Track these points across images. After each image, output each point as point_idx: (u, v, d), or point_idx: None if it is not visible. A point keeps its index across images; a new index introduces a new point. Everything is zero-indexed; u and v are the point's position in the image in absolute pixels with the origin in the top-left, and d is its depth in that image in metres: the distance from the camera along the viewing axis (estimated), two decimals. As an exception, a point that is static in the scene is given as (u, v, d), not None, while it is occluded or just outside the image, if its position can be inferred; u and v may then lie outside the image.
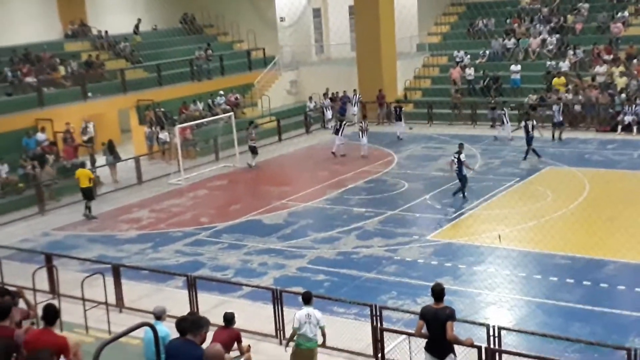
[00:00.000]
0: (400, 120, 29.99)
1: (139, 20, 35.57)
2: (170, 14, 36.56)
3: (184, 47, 35.51)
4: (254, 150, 26.74)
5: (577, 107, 29.12)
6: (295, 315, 10.70)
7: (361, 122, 28.25)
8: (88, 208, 21.73)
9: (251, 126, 27.62)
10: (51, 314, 7.91)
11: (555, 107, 27.48)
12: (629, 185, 19.33)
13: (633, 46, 31.23)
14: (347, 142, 28.05)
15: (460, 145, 20.89)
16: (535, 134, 24.56)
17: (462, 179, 20.52)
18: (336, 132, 27.62)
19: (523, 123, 24.66)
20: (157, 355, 6.97)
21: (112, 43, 34.04)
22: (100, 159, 26.77)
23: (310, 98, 34.22)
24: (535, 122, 24.82)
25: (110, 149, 26.33)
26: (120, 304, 14.53)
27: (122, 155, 27.05)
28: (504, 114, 27.60)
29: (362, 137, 26.95)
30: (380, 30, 32.90)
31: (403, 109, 30.42)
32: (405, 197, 21.49)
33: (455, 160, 20.60)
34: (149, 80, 32.10)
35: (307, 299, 10.84)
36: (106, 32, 34.24)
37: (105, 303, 13.69)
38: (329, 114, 33.68)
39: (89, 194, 21.69)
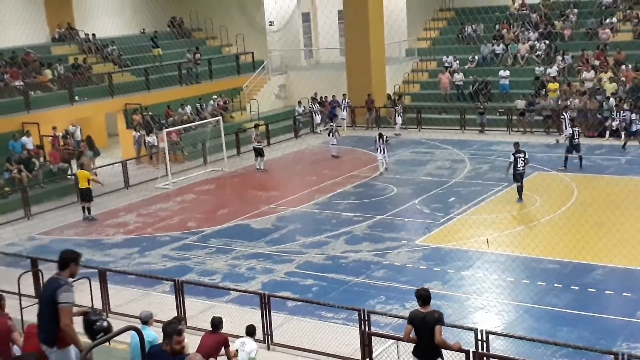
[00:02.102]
0: (398, 118, 30.70)
1: (155, 33, 35.38)
2: (158, 17, 36.42)
3: (172, 51, 35.42)
4: (260, 153, 26.52)
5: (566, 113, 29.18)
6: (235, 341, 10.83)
7: (332, 124, 28.98)
8: (87, 209, 21.72)
9: (255, 129, 27.51)
10: None
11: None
12: (617, 191, 19.37)
13: (621, 52, 31.40)
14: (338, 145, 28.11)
15: (516, 144, 20.79)
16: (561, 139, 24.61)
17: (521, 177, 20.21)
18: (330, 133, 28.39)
19: (570, 130, 24.17)
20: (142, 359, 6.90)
21: (100, 46, 33.88)
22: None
23: (299, 102, 34.20)
24: (579, 129, 24.68)
25: (90, 145, 26.67)
26: (106, 308, 14.39)
27: (109, 160, 26.93)
28: (565, 120, 26.15)
29: (331, 137, 27.83)
30: (369, 35, 32.95)
31: (400, 106, 30.79)
32: (394, 201, 21.48)
33: (513, 160, 20.19)
34: (136, 84, 31.96)
35: (249, 332, 10.91)
36: (94, 35, 34.08)
37: (92, 308, 13.54)
38: (317, 118, 33.67)
39: (86, 195, 21.59)
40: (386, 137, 24.91)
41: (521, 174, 20.10)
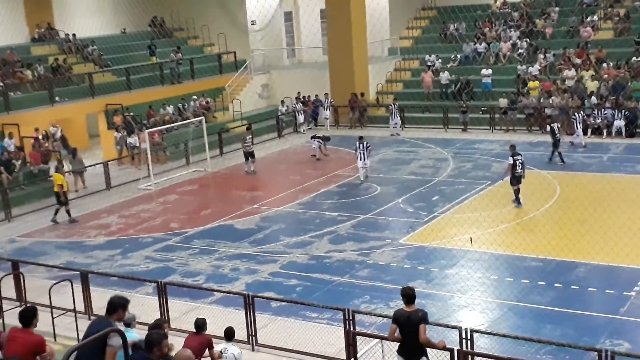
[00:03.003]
0: (395, 116, 30.51)
1: (152, 41, 35.13)
2: (139, 17, 36.19)
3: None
4: (251, 155, 25.91)
5: (548, 111, 29.37)
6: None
7: (320, 141, 27.66)
8: (67, 212, 21.52)
9: (246, 132, 26.91)
10: (27, 316, 8.39)
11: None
12: (599, 188, 19.49)
13: (602, 50, 31.61)
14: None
15: (513, 147, 20.23)
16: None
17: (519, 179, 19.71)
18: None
19: (548, 127, 24.51)
20: (125, 362, 6.84)
21: (80, 46, 33.62)
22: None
23: (282, 102, 34.12)
24: (559, 125, 24.94)
25: (64, 144, 26.79)
26: (89, 311, 14.25)
27: (90, 161, 26.76)
28: (577, 120, 26.37)
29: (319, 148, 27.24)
30: (352, 34, 32.92)
31: (397, 104, 30.68)
32: (377, 201, 21.47)
33: (512, 163, 19.54)
34: (117, 84, 31.73)
35: (228, 335, 10.70)
36: (74, 35, 33.81)
37: (74, 310, 13.45)
38: (301, 117, 33.61)
39: (59, 198, 21.41)
40: (367, 143, 23.55)
41: (519, 177, 19.55)
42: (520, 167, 19.58)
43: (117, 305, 7.98)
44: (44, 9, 34.76)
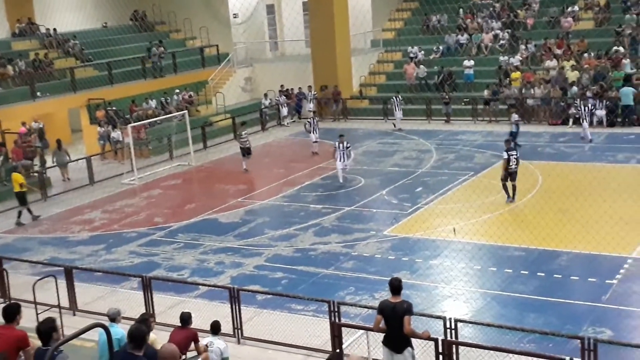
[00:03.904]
0: (396, 111, 29.92)
1: (152, 43, 34.92)
2: (120, 11, 35.95)
3: (135, 45, 35.02)
4: (248, 152, 25.24)
5: (530, 101, 29.55)
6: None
7: (309, 120, 27.47)
8: (28, 210, 21.28)
9: (241, 127, 26.42)
10: (10, 312, 8.37)
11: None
12: (580, 177, 19.64)
13: (584, 40, 31.80)
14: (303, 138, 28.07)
15: (508, 142, 19.69)
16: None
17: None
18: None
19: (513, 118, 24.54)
20: (110, 357, 6.84)
21: (61, 41, 33.37)
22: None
23: (266, 95, 34.06)
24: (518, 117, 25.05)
25: (40, 136, 26.93)
26: (73, 307, 14.23)
27: (73, 156, 26.62)
28: (584, 112, 26.12)
29: (313, 133, 26.66)
30: (334, 27, 32.89)
31: (400, 98, 30.31)
32: (361, 193, 21.53)
33: (506, 158, 19.00)
34: (99, 78, 31.56)
35: (214, 329, 10.65)
36: (54, 30, 33.55)
37: (58, 306, 13.40)
38: (284, 110, 33.58)
39: (21, 200, 21.17)
40: (347, 143, 22.38)
41: (514, 173, 19.04)
42: (515, 164, 18.99)
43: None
44: (24, 4, 34.46)
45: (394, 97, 30.41)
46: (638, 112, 27.35)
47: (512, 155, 19.07)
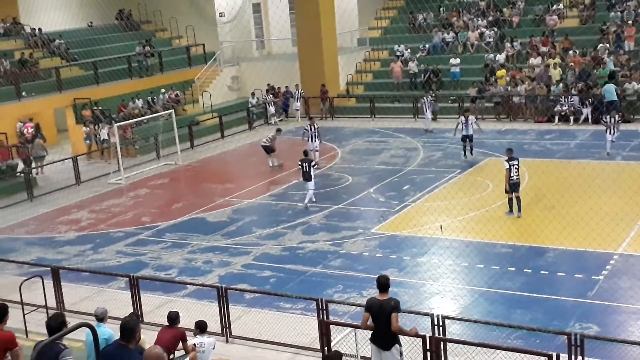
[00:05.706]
0: (427, 111, 28.61)
1: (147, 41, 34.63)
2: (105, 10, 35.80)
3: (121, 44, 34.87)
4: (270, 150, 24.65)
5: (516, 99, 29.69)
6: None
7: (307, 126, 25.07)
8: None
9: (277, 132, 25.37)
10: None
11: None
12: (566, 174, 19.76)
13: (568, 38, 31.98)
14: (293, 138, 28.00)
15: (510, 151, 18.38)
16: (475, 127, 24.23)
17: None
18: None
19: (463, 118, 24.11)
20: (97, 357, 6.82)
21: (46, 41, 33.17)
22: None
23: (253, 94, 34.02)
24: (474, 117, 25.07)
25: (37, 131, 27.08)
26: (60, 307, 14.16)
27: (59, 156, 26.49)
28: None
29: (314, 140, 24.54)
30: (321, 25, 32.92)
31: (431, 97, 29.23)
32: (349, 191, 21.56)
33: (508, 169, 17.86)
34: (85, 78, 31.39)
35: (200, 328, 10.70)
36: (39, 29, 33.35)
37: (45, 306, 13.36)
38: (271, 109, 33.56)
39: None
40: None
41: (516, 184, 17.89)
42: (517, 174, 17.80)
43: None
44: (8, 3, 34.21)
45: (424, 97, 29.12)
46: (623, 109, 27.53)
47: (514, 165, 17.78)
